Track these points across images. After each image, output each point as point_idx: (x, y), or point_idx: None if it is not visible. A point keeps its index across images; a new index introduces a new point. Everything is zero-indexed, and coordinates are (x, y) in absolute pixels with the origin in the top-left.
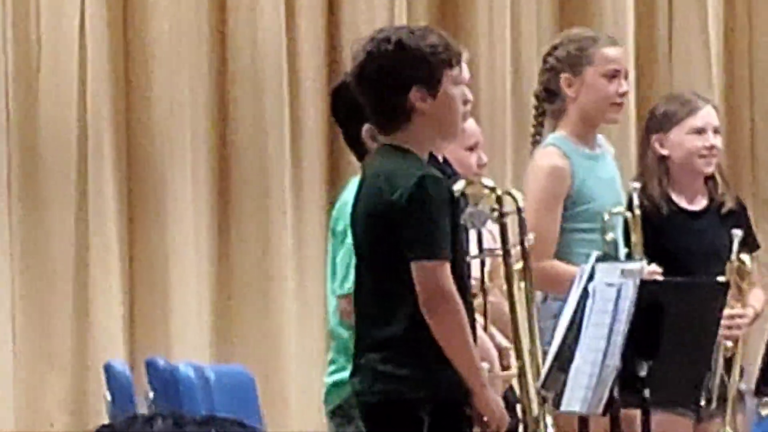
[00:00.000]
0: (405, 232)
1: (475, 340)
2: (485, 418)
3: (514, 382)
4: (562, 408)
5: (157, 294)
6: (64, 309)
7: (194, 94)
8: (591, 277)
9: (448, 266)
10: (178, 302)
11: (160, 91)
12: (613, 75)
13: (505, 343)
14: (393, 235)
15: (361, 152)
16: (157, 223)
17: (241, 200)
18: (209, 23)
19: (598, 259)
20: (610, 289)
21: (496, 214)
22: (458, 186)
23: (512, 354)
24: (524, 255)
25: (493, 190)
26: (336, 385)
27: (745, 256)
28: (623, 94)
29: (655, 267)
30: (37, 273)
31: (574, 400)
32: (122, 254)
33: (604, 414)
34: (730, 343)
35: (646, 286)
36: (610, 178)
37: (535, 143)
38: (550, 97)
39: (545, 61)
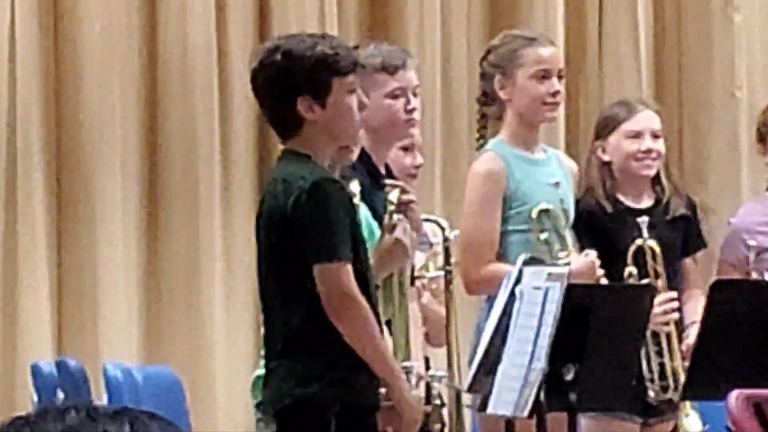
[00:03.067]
0: (303, 236)
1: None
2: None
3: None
4: (489, 410)
5: (85, 295)
6: None
7: (124, 96)
8: (518, 280)
9: (349, 267)
10: (107, 304)
11: (90, 93)
12: (544, 76)
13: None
14: (292, 240)
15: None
16: (86, 224)
17: (170, 201)
18: (139, 25)
19: (526, 263)
20: (537, 292)
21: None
22: (392, 195)
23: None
24: (447, 282)
25: (425, 220)
26: (260, 378)
27: (653, 242)
28: (555, 94)
29: (594, 256)
30: None
31: (500, 403)
32: (50, 255)
33: (530, 417)
34: (667, 328)
35: (572, 290)
36: (552, 183)
37: (480, 147)
38: (488, 101)
39: (481, 65)
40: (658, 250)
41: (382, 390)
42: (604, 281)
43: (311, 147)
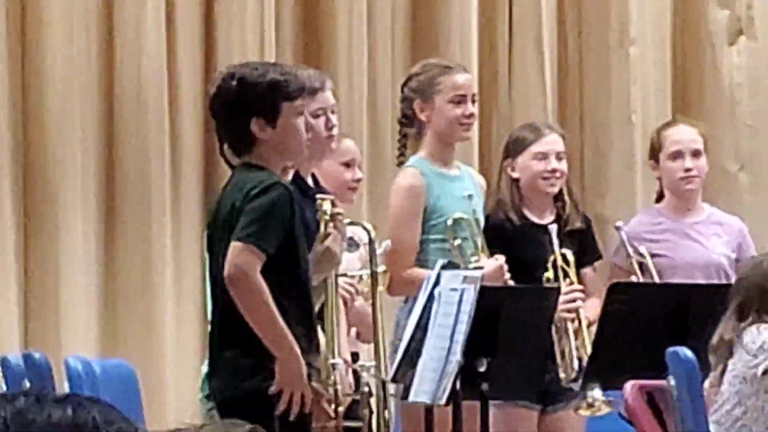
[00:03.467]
0: (241, 220)
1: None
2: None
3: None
4: (410, 398)
5: (49, 295)
6: None
7: (84, 120)
8: (437, 283)
9: (260, 258)
10: (69, 303)
11: (53, 119)
12: (459, 100)
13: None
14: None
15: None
16: (50, 233)
17: (124, 213)
18: (97, 53)
19: (443, 267)
20: (454, 293)
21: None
22: (325, 206)
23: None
24: (373, 281)
25: (351, 223)
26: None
27: (566, 250)
28: (470, 116)
29: (503, 260)
30: None
31: (420, 392)
32: (18, 260)
33: (447, 404)
34: (570, 315)
35: (485, 291)
36: (465, 196)
37: (400, 164)
38: (408, 122)
39: (402, 90)
40: (571, 258)
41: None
42: (511, 283)
43: (264, 161)
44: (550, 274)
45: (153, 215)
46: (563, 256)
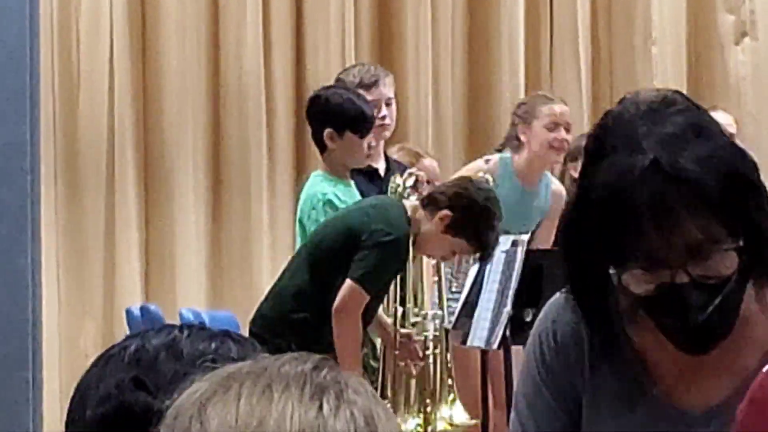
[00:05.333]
0: (361, 255)
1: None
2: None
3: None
4: (468, 344)
5: (166, 257)
6: (96, 270)
7: (194, 109)
8: None
9: (366, 298)
10: (182, 263)
11: (169, 108)
12: (554, 127)
13: None
14: (346, 246)
15: (322, 148)
16: (167, 205)
17: (229, 187)
18: (206, 54)
19: None
20: (504, 255)
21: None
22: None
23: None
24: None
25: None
26: None
27: None
28: (562, 141)
29: None
30: (76, 244)
31: (476, 338)
32: (140, 228)
33: (498, 348)
34: None
35: (530, 253)
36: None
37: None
38: (509, 142)
39: (512, 116)
40: None
41: None
42: None
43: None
44: None
45: (253, 191)
46: None
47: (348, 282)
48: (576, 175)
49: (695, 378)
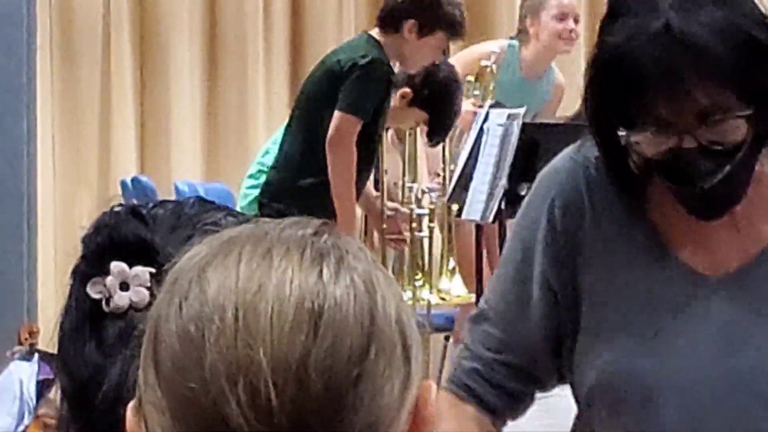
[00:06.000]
0: (344, 88)
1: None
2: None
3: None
4: (463, 216)
5: (161, 128)
6: (91, 140)
7: None
8: (485, 119)
9: (359, 122)
10: (178, 135)
11: None
12: (562, 17)
13: None
14: (331, 89)
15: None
16: (162, 76)
17: (224, 58)
18: None
19: (491, 106)
20: (500, 128)
21: None
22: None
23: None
24: None
25: None
26: None
27: None
28: (570, 31)
29: None
30: (71, 114)
31: (472, 211)
32: (135, 101)
33: (493, 222)
34: None
35: (526, 127)
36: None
37: None
38: (518, 36)
39: (520, 9)
40: None
41: None
42: None
43: (388, 48)
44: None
45: (249, 63)
46: None
47: (336, 113)
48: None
49: (710, 244)
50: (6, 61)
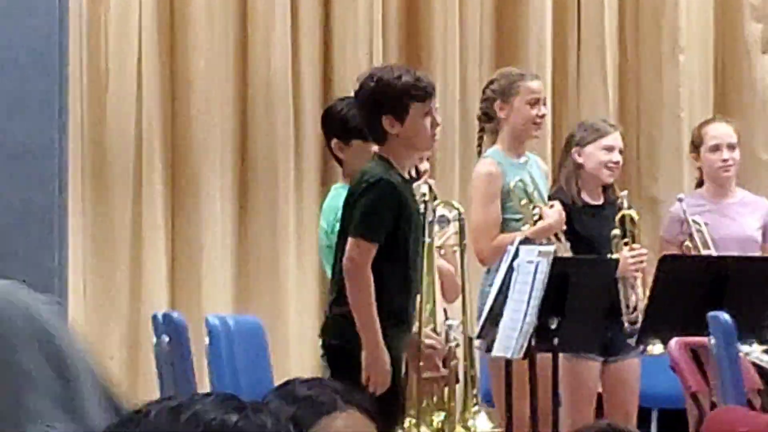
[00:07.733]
0: (355, 213)
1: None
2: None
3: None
4: (493, 353)
5: (192, 262)
6: (122, 273)
7: (222, 111)
8: (515, 256)
9: (373, 247)
10: (208, 269)
11: (197, 109)
12: (534, 102)
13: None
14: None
15: (338, 159)
16: (194, 207)
17: (255, 191)
18: (234, 59)
19: (521, 242)
20: (530, 265)
21: (445, 218)
22: (423, 189)
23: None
24: (462, 252)
25: (444, 203)
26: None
27: (632, 211)
28: (542, 117)
29: (559, 205)
30: (102, 247)
31: (502, 348)
32: (166, 234)
33: (524, 358)
34: (637, 274)
35: (556, 261)
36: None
37: (479, 154)
38: (488, 119)
39: (484, 92)
40: (635, 217)
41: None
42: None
43: (392, 154)
44: (617, 231)
45: (279, 195)
46: (630, 216)
47: (348, 240)
48: (580, 160)
49: None
50: (38, 194)
